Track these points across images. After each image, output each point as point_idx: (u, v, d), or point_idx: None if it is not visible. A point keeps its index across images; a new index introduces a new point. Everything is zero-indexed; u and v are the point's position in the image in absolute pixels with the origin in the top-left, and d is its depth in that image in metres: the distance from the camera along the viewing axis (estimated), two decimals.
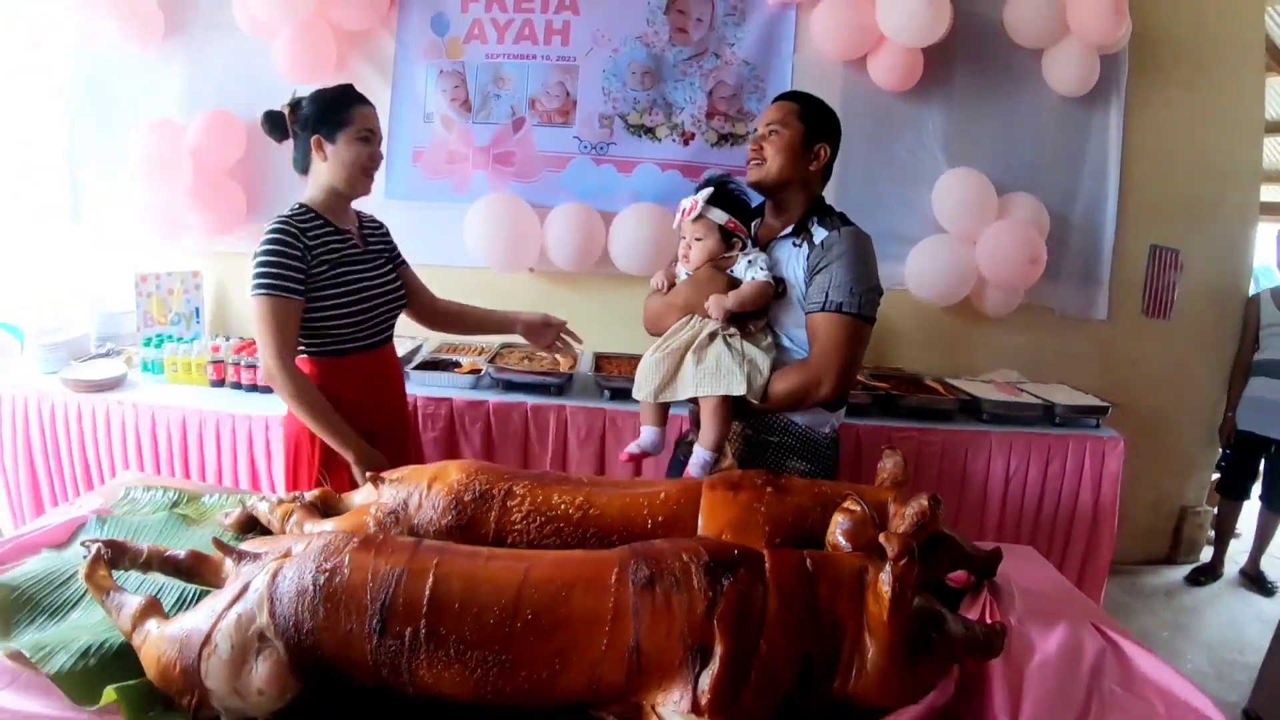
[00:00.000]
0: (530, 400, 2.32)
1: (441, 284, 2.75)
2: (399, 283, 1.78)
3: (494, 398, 2.32)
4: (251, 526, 1.27)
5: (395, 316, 1.78)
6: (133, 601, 0.91)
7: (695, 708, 0.83)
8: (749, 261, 1.58)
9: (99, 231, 2.92)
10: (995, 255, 2.56)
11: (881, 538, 0.93)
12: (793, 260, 1.58)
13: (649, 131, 2.74)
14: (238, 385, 2.48)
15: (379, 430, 1.66)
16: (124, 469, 2.32)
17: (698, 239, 1.59)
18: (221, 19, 2.73)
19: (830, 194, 1.69)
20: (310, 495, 1.24)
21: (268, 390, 2.31)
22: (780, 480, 1.19)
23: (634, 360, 1.87)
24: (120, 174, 2.71)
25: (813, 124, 1.61)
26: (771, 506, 1.13)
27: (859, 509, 1.05)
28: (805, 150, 1.60)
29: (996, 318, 2.77)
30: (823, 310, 1.52)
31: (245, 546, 0.97)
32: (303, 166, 1.68)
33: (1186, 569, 3.12)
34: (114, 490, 1.50)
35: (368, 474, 1.20)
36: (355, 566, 0.86)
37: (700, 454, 1.52)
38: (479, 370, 2.41)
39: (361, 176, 1.63)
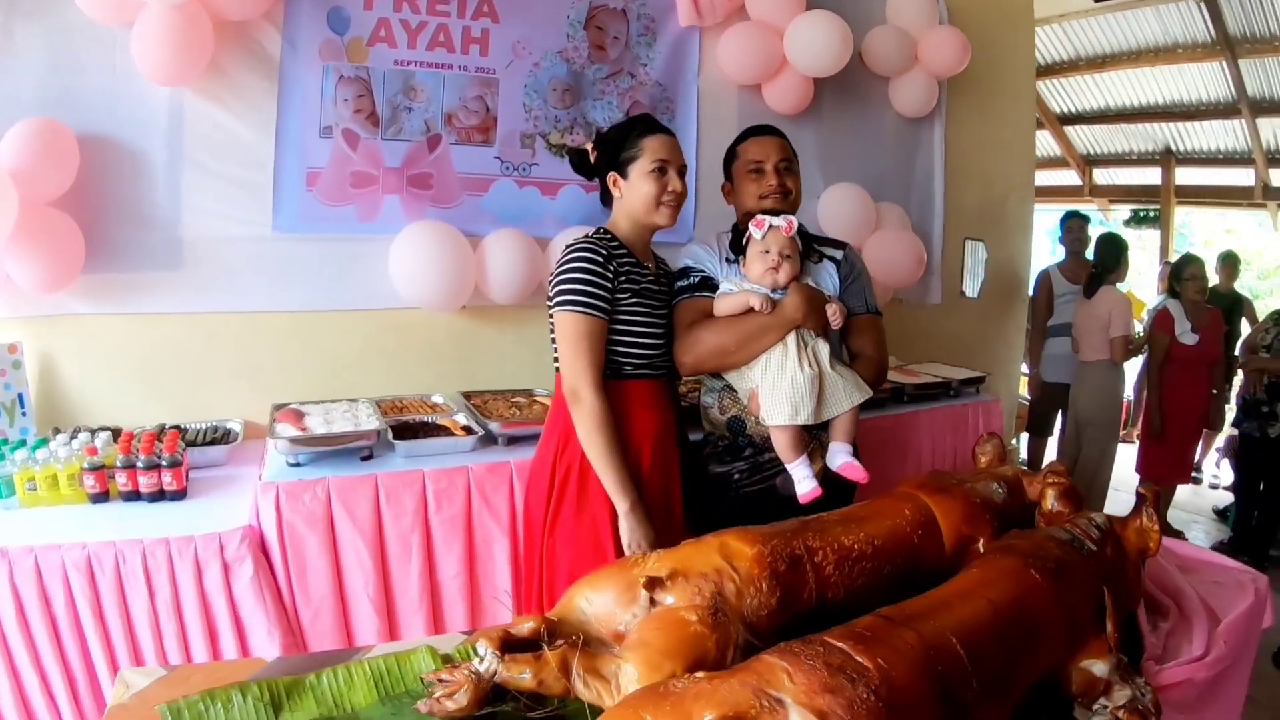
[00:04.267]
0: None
1: (358, 331, 2.44)
2: None
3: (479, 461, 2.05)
4: (500, 695, 0.97)
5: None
6: None
7: (1107, 649, 1.04)
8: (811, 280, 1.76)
9: None
10: (884, 260, 2.95)
11: (1139, 489, 1.35)
12: (822, 275, 1.79)
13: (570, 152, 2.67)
14: (134, 495, 1.89)
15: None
16: (18, 645, 1.63)
17: (787, 256, 1.67)
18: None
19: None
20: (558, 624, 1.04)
21: (178, 496, 1.93)
22: (954, 474, 1.38)
23: None
24: None
25: (794, 155, 1.86)
26: (975, 495, 1.30)
27: (1064, 480, 1.34)
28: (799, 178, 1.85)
29: None
30: (866, 313, 1.79)
31: None
32: (605, 200, 1.72)
33: None
34: (147, 715, 1.04)
35: (642, 581, 1.04)
36: (887, 665, 0.81)
37: (842, 449, 1.66)
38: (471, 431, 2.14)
39: (658, 209, 1.59)
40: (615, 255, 1.60)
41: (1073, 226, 3.97)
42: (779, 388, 1.59)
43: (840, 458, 1.64)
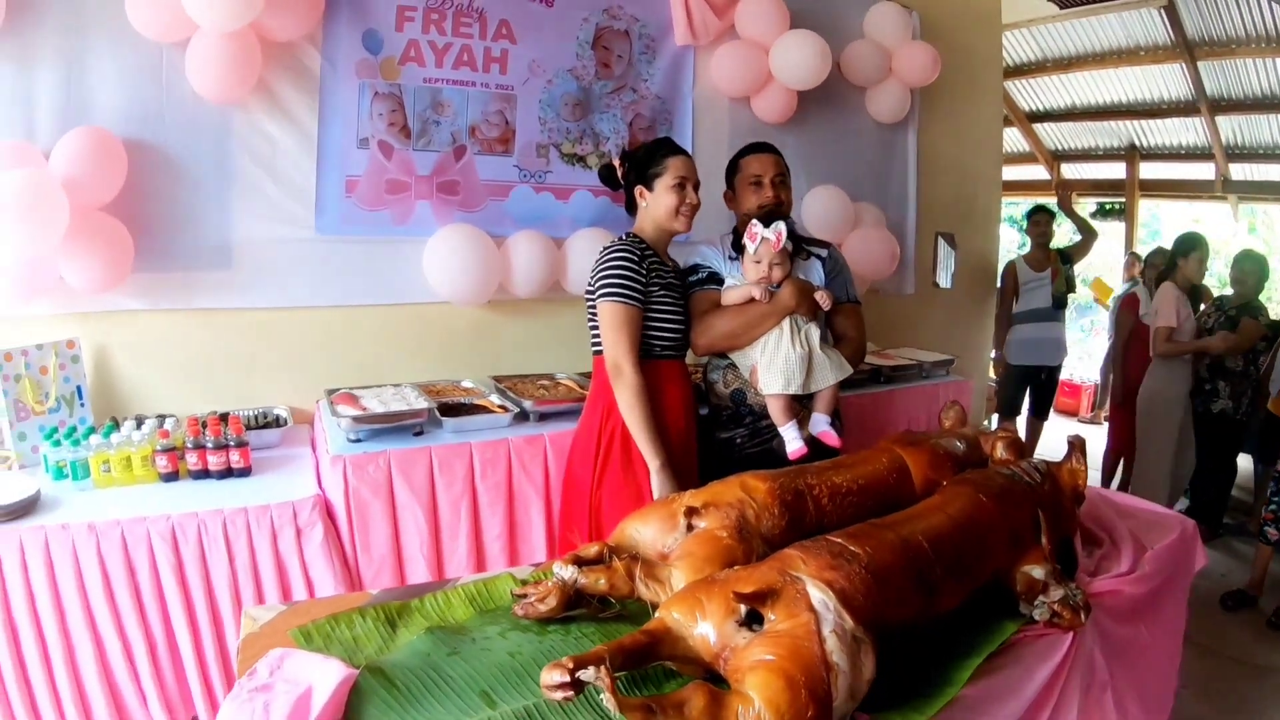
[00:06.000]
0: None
1: (393, 324, 2.70)
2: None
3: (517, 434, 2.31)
4: (576, 602, 1.24)
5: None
6: (692, 697, 0.91)
7: (1044, 558, 1.34)
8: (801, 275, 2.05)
9: None
10: (861, 255, 3.24)
11: (1069, 437, 1.65)
12: (811, 270, 2.09)
13: (581, 160, 2.93)
14: (203, 474, 2.09)
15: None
16: (103, 613, 1.81)
17: (777, 264, 1.96)
18: (96, 16, 2.25)
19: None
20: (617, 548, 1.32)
21: (244, 473, 2.14)
22: (923, 433, 1.71)
23: None
24: None
25: (788, 170, 2.17)
26: (940, 449, 1.60)
27: (1011, 435, 1.68)
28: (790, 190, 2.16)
29: None
30: (848, 302, 2.11)
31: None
32: (632, 209, 2.01)
33: None
34: (281, 638, 1.22)
35: (683, 512, 1.32)
36: (873, 551, 1.10)
37: (822, 419, 1.95)
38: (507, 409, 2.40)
39: (676, 217, 1.91)
40: (646, 255, 1.90)
41: (1039, 220, 4.29)
42: (775, 363, 1.90)
43: (820, 425, 1.94)
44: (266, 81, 2.46)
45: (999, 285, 4.21)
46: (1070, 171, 8.21)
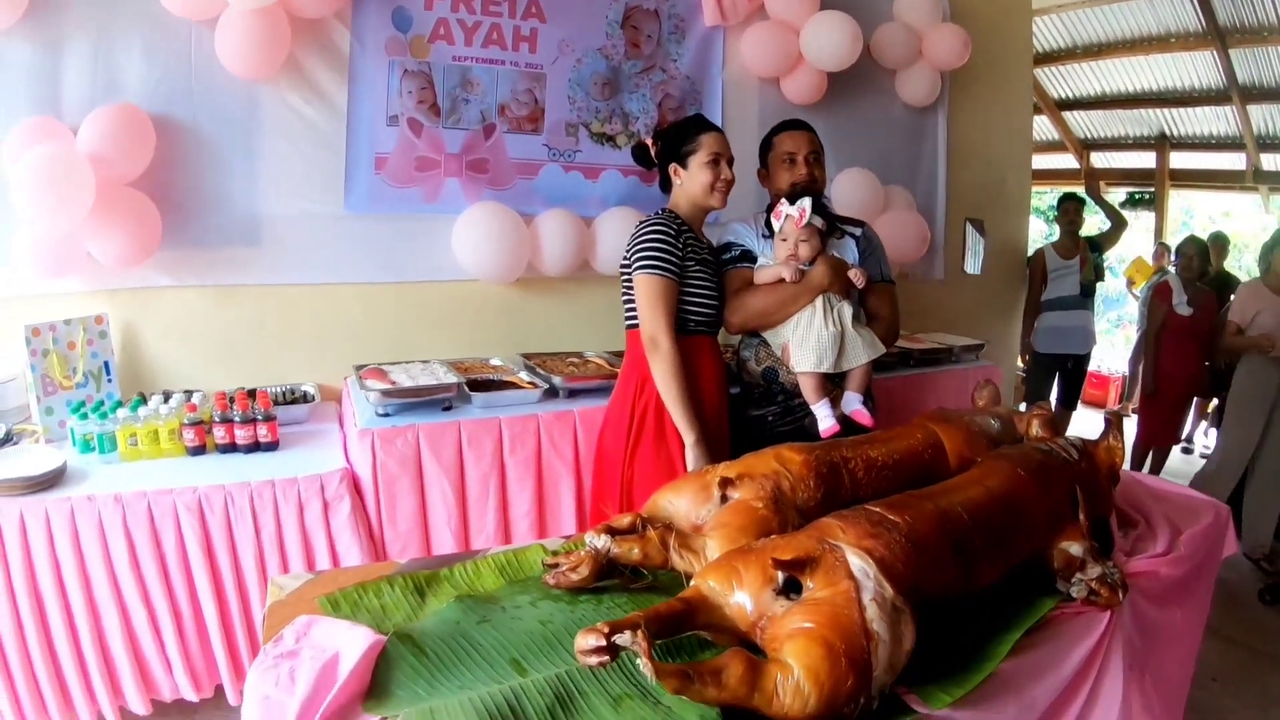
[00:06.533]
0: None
1: (424, 301, 2.71)
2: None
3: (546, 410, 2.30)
4: (608, 572, 1.22)
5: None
6: (730, 664, 0.89)
7: (1081, 535, 1.31)
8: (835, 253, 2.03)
9: None
10: (890, 238, 3.19)
11: (1105, 414, 1.59)
12: (845, 249, 2.07)
13: (610, 139, 2.92)
14: (230, 447, 2.11)
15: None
16: (128, 584, 1.83)
17: (803, 240, 1.94)
18: None
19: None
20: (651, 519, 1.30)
21: (271, 447, 2.16)
22: (958, 411, 1.66)
23: None
24: None
25: (821, 148, 2.13)
26: (974, 426, 1.57)
27: (1046, 412, 1.64)
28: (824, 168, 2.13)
29: None
30: (882, 281, 2.07)
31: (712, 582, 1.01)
32: (666, 186, 2.00)
33: None
34: (308, 605, 1.20)
35: (717, 483, 1.30)
36: (912, 520, 1.08)
37: (855, 398, 1.94)
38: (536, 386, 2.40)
39: (712, 193, 1.89)
40: (682, 231, 1.89)
41: (1069, 207, 4.23)
42: (807, 341, 1.88)
43: (853, 404, 1.93)
44: (296, 59, 2.48)
45: (1026, 273, 4.15)
46: (1100, 160, 8.09)
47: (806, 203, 1.92)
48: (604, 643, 0.86)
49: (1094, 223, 5.61)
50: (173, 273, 2.45)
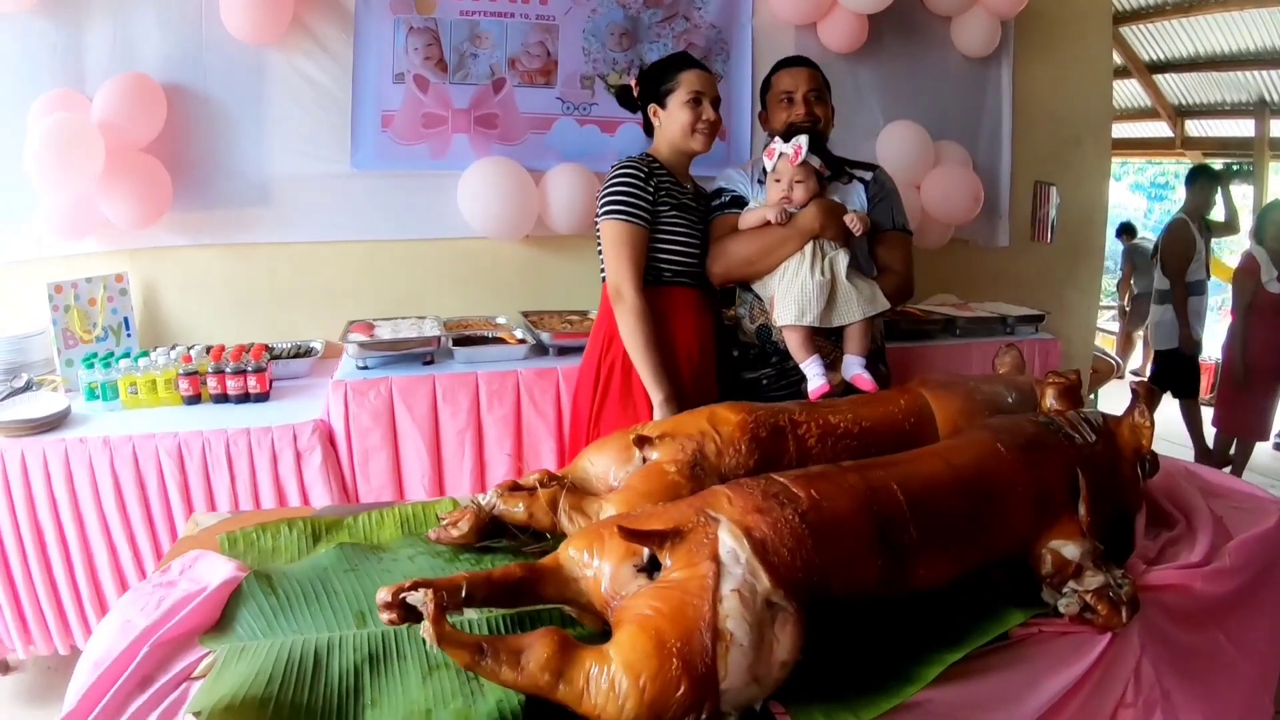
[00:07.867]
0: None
1: (430, 258, 2.65)
2: None
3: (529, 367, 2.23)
4: (494, 530, 1.14)
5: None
6: (535, 645, 0.76)
7: (1079, 533, 1.05)
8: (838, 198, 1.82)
9: None
10: (940, 196, 2.93)
11: (1133, 385, 1.27)
12: (850, 194, 1.86)
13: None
14: (223, 398, 2.17)
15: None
16: (116, 520, 1.94)
17: (799, 181, 1.75)
18: None
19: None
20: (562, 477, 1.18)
21: (261, 398, 2.17)
22: (956, 378, 1.43)
23: None
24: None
25: (826, 85, 1.94)
26: (978, 394, 1.34)
27: (1067, 379, 1.33)
28: (830, 107, 1.93)
29: (929, 251, 3.17)
30: (893, 229, 1.86)
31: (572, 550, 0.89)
32: (648, 130, 1.88)
33: None
34: (210, 542, 1.20)
35: (633, 438, 1.18)
36: (821, 496, 0.90)
37: (855, 361, 1.74)
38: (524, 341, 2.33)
39: (693, 135, 1.75)
40: (655, 173, 1.75)
41: (1205, 185, 3.87)
42: (790, 291, 1.70)
43: (853, 369, 1.73)
44: (301, 19, 2.48)
45: (1157, 253, 3.74)
46: (1195, 129, 7.25)
47: (802, 140, 1.73)
48: (391, 599, 0.74)
49: None
50: (188, 233, 2.52)
